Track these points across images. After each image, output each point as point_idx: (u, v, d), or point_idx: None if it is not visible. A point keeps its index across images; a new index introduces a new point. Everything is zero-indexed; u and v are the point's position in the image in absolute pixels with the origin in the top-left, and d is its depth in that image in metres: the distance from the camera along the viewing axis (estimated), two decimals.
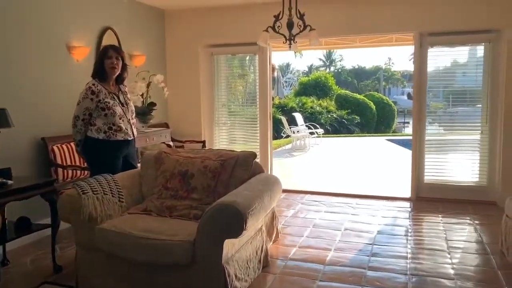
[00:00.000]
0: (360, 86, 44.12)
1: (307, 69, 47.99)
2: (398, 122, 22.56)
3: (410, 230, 4.39)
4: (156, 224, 2.94)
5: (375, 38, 8.28)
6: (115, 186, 3.27)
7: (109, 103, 3.61)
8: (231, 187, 3.18)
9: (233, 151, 3.52)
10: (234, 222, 2.61)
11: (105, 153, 3.65)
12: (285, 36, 4.36)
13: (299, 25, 4.29)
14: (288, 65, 43.62)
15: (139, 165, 3.94)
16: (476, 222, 4.64)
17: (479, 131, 5.38)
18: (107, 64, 3.60)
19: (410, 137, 15.01)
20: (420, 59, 5.44)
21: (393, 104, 20.77)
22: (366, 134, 16.57)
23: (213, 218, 2.64)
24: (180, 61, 6.45)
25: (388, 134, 16.77)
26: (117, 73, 3.67)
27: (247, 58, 6.55)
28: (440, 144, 5.59)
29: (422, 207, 5.25)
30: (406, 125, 25.82)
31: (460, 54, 5.51)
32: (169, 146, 5.57)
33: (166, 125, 6.27)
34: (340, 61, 54.01)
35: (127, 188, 3.39)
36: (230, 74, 6.59)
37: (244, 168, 3.32)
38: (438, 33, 5.34)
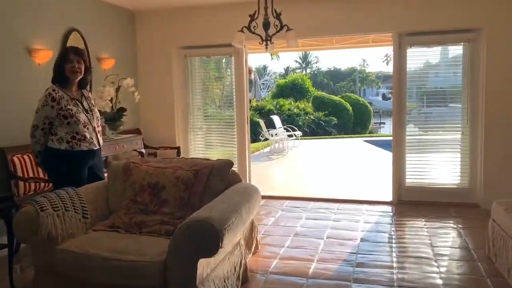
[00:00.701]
0: (336, 87, 44.47)
1: (284, 71, 48.09)
2: (374, 123, 22.74)
3: (394, 237, 4.24)
4: (123, 243, 2.68)
5: (351, 39, 8.18)
6: (79, 200, 2.99)
7: (71, 110, 3.32)
8: (206, 199, 2.95)
9: (208, 159, 3.28)
10: (209, 240, 2.37)
11: (68, 165, 3.36)
12: (261, 37, 4.16)
13: (276, 25, 4.08)
14: (265, 67, 43.58)
15: (107, 175, 3.66)
16: (460, 226, 4.53)
17: (460, 132, 5.29)
18: (68, 69, 3.31)
19: (387, 138, 15.09)
20: (399, 59, 5.32)
21: (369, 105, 20.90)
22: (344, 136, 16.55)
23: (185, 236, 2.40)
24: (152, 64, 6.17)
25: (365, 135, 16.80)
26: (80, 78, 3.38)
27: (224, 60, 6.33)
28: (421, 146, 5.48)
29: (404, 211, 5.12)
30: (382, 125, 26.10)
31: (439, 54, 5.43)
32: (141, 153, 5.29)
33: (138, 131, 5.97)
34: (316, 63, 54.38)
35: (92, 202, 3.12)
36: (206, 77, 6.35)
37: (219, 178, 3.09)
38: (417, 33, 5.23)
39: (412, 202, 5.38)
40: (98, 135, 3.54)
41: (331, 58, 70.06)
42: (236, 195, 2.97)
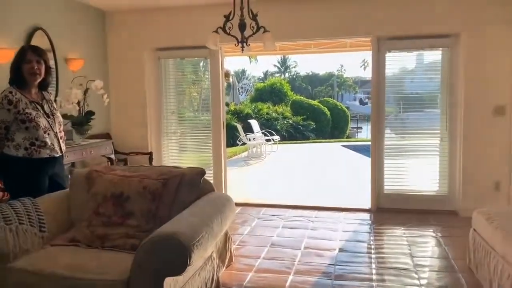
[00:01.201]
0: (314, 92, 44.76)
1: (262, 75, 48.11)
2: (351, 127, 22.85)
3: (373, 246, 4.11)
4: (83, 259, 2.45)
5: (329, 44, 8.12)
6: (36, 212, 2.74)
7: (30, 114, 3.08)
8: (175, 211, 2.74)
9: (178, 167, 3.08)
10: (176, 257, 2.18)
11: (27, 174, 3.10)
12: (237, 38, 3.98)
13: (252, 27, 3.92)
14: (243, 71, 43.49)
15: (69, 185, 3.41)
16: (439, 234, 4.43)
17: (439, 138, 5.23)
18: (26, 70, 3.06)
19: (364, 143, 15.11)
20: (377, 64, 5.23)
21: (346, 110, 21.00)
22: (322, 140, 16.52)
23: (150, 253, 2.20)
24: (124, 65, 5.91)
25: (343, 140, 16.80)
26: (39, 79, 3.14)
27: (201, 63, 6.12)
28: (400, 152, 5.39)
29: (383, 219, 5.01)
30: (359, 130, 26.31)
31: (417, 59, 5.35)
32: (110, 159, 5.03)
33: (108, 136, 5.71)
34: (294, 67, 54.70)
35: (52, 214, 2.88)
36: (184, 80, 6.11)
37: (190, 188, 2.89)
38: (396, 37, 5.15)
39: (390, 210, 5.28)
40: (61, 141, 3.30)
41: (310, 63, 70.60)
42: (208, 206, 2.78)
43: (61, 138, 3.30)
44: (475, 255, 3.40)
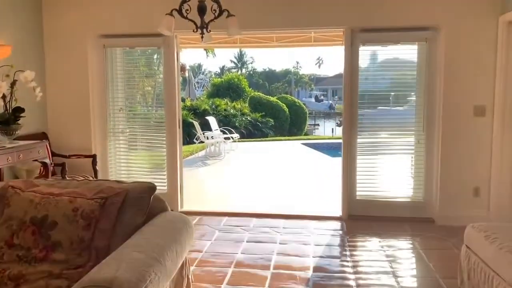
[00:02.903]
0: (271, 88, 44.60)
1: (219, 70, 47.44)
2: (309, 124, 22.72)
3: (350, 264, 3.62)
4: None
5: (292, 38, 7.67)
6: None
7: None
8: (116, 240, 2.11)
9: (122, 182, 2.43)
10: None
11: None
12: (195, 23, 3.38)
13: (214, 10, 3.34)
14: (199, 66, 42.61)
15: None
16: (419, 246, 4.02)
17: (415, 140, 4.84)
18: None
19: (324, 141, 14.85)
20: (351, 58, 4.76)
21: (304, 107, 20.83)
22: (281, 138, 16.13)
23: None
24: (63, 54, 5.11)
25: (303, 138, 16.50)
26: None
27: (156, 56, 5.42)
28: (373, 155, 4.96)
29: (356, 229, 4.56)
30: (316, 127, 26.27)
31: (392, 53, 4.92)
32: (44, 164, 4.26)
33: (43, 136, 4.92)
34: (251, 63, 54.43)
35: None
36: (136, 72, 5.35)
37: (136, 209, 2.26)
38: (370, 29, 4.70)
39: (363, 217, 4.85)
40: None
41: (266, 59, 70.48)
42: (159, 234, 2.15)
43: None
44: (470, 277, 2.98)
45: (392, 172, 4.96)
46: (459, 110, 4.56)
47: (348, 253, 3.89)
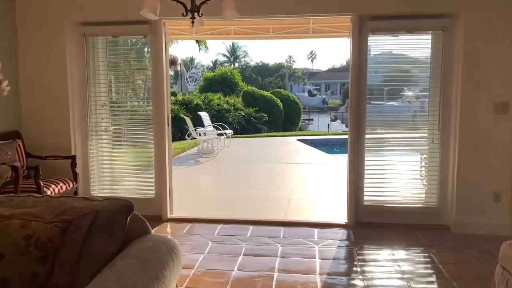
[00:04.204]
0: (264, 83, 44.16)
1: (211, 64, 46.89)
2: (303, 119, 22.30)
3: (362, 284, 3.17)
4: None
5: (289, 29, 7.22)
6: None
7: None
8: (81, 277, 1.63)
9: (92, 199, 1.93)
10: None
11: None
12: (185, 6, 2.90)
13: None
14: (192, 60, 42.03)
15: None
16: (438, 260, 3.57)
17: (429, 140, 4.40)
18: None
19: (321, 137, 14.41)
20: (358, 48, 4.29)
21: (299, 102, 20.43)
22: (276, 134, 15.65)
23: None
24: (38, 44, 4.58)
25: (298, 133, 16.03)
26: None
27: (146, 49, 4.91)
28: (380, 156, 4.51)
29: (364, 238, 4.12)
30: (310, 122, 25.85)
31: (405, 43, 4.46)
32: (14, 168, 3.75)
33: (16, 135, 4.40)
34: (244, 57, 53.98)
35: None
36: (121, 64, 4.81)
37: (108, 235, 1.77)
38: (380, 16, 4.23)
39: (371, 225, 4.41)
40: None
41: (259, 52, 69.98)
42: (136, 268, 1.67)
43: None
44: None
45: (403, 174, 4.52)
46: (478, 107, 4.12)
47: (358, 269, 3.44)
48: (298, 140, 13.35)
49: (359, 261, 3.59)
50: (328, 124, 21.74)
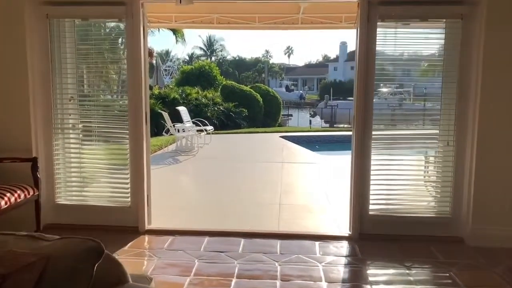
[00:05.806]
0: (242, 77, 43.62)
1: (188, 58, 46.04)
2: (282, 115, 21.88)
3: None
4: None
5: (276, 19, 6.75)
6: None
7: None
8: None
9: (43, 238, 1.34)
10: None
11: None
12: None
13: None
14: (167, 52, 41.09)
15: None
16: (462, 281, 3.12)
17: (443, 143, 3.93)
18: None
19: (304, 133, 13.98)
20: (366, 37, 3.78)
21: (279, 97, 20.02)
22: (257, 129, 15.10)
23: None
24: None
25: (280, 130, 15.53)
26: None
27: (120, 39, 4.27)
28: (388, 160, 4.02)
29: (373, 254, 3.63)
30: (289, 117, 25.44)
31: (418, 32, 3.97)
32: None
33: None
34: (221, 51, 53.30)
35: None
36: (92, 52, 4.15)
37: None
38: (392, 1, 3.73)
39: (377, 237, 3.92)
40: None
41: (236, 46, 69.34)
42: None
43: None
44: None
45: (412, 180, 4.05)
46: (499, 107, 3.67)
47: None
48: (281, 137, 12.83)
49: (371, 284, 3.09)
50: (310, 120, 21.38)
